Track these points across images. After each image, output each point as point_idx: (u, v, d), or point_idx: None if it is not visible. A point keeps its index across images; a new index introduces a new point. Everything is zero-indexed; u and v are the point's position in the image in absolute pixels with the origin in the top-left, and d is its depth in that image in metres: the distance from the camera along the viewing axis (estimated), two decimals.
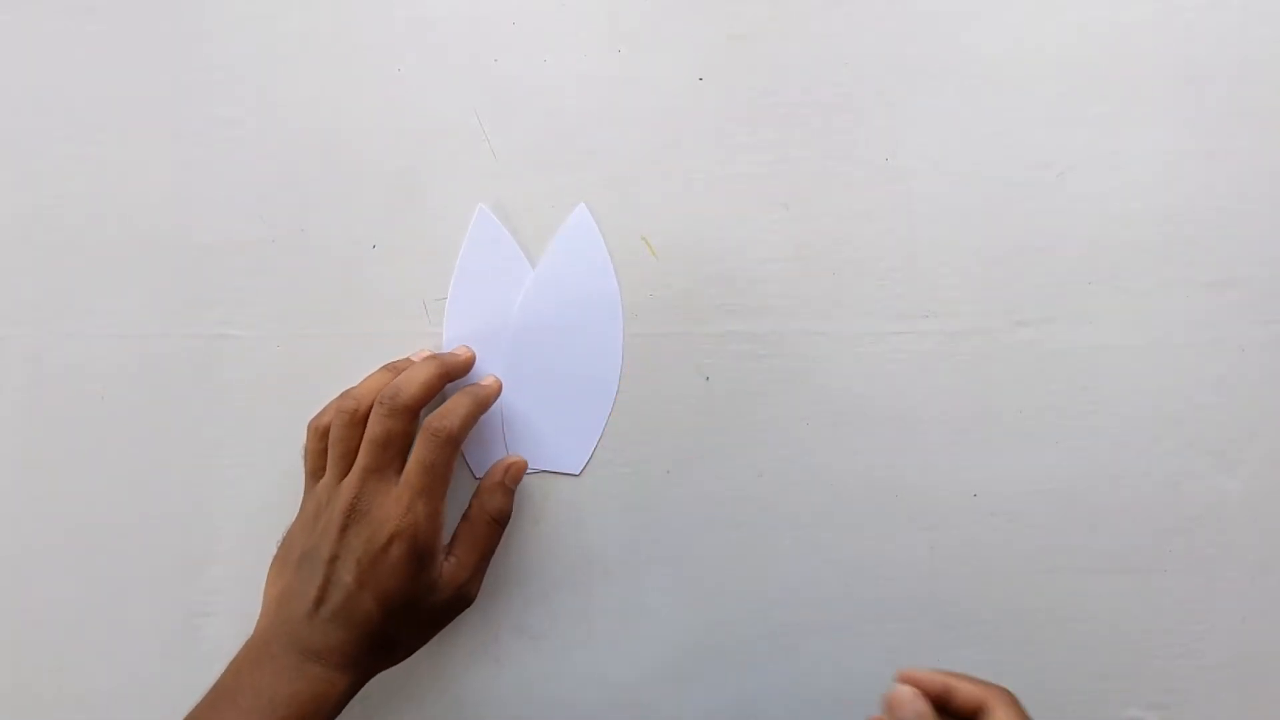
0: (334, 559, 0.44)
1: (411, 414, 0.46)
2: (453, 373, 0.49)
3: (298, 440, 0.49)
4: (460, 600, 0.47)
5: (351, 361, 0.51)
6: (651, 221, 0.51)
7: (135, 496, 0.52)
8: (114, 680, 0.53)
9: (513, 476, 0.50)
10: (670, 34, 0.51)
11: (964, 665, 0.51)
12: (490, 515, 0.48)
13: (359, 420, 0.46)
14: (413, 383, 0.46)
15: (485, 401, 0.49)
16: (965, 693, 0.41)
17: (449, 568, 0.46)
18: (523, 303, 0.52)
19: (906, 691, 0.41)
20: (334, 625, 0.43)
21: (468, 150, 0.51)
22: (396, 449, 0.46)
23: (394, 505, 0.44)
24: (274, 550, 0.48)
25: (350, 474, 0.46)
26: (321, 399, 0.48)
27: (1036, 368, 0.51)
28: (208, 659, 0.52)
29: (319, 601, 0.44)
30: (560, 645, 0.52)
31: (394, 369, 0.49)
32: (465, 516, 0.48)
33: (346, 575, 0.44)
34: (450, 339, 0.52)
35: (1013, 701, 0.41)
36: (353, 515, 0.44)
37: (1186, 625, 0.52)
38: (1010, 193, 0.51)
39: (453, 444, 0.46)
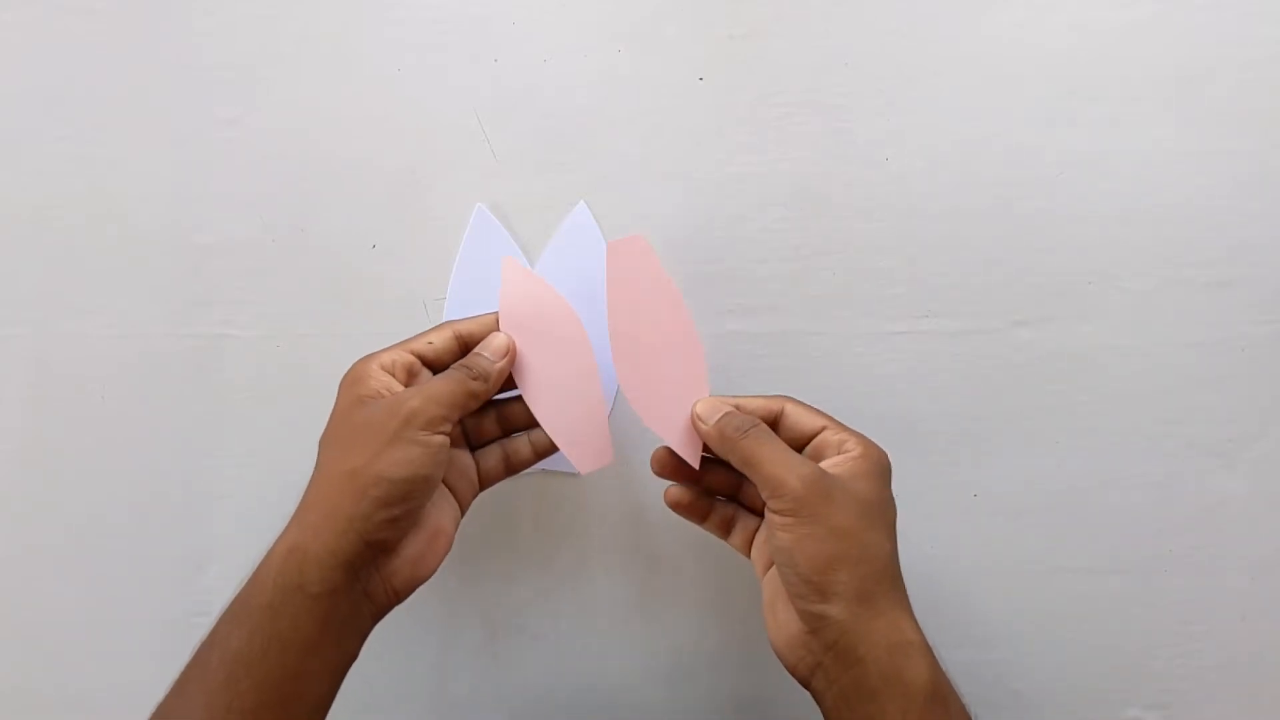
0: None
1: (494, 383, 0.45)
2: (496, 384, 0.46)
3: (298, 440, 0.49)
4: (406, 423, 0.41)
5: (351, 361, 0.51)
6: (651, 221, 0.51)
7: (135, 497, 0.52)
8: (114, 680, 0.53)
9: (502, 367, 0.46)
10: (670, 34, 0.51)
11: (964, 665, 0.51)
12: (467, 367, 0.44)
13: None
14: (493, 371, 0.45)
15: (494, 389, 0.46)
16: (754, 405, 0.45)
17: (404, 392, 0.43)
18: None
19: (710, 401, 0.45)
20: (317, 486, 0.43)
21: (468, 150, 0.51)
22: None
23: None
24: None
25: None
26: (321, 399, 0.48)
27: (1036, 368, 0.51)
28: None
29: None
30: (560, 645, 0.53)
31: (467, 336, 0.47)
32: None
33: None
34: None
35: (798, 402, 0.45)
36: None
37: (1186, 625, 0.52)
38: (1010, 193, 0.51)
39: (491, 385, 0.45)
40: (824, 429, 0.44)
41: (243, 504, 0.52)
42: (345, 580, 0.40)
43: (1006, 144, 0.51)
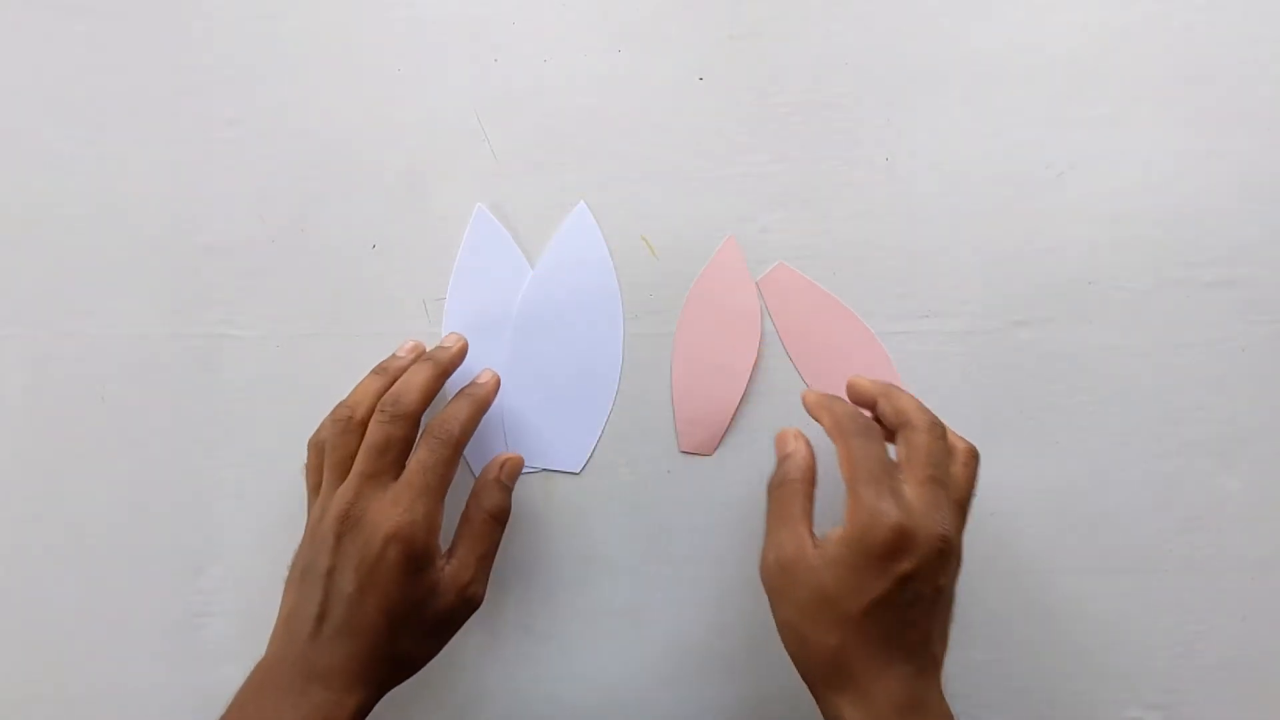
0: (331, 570, 0.42)
1: (413, 420, 0.45)
2: (448, 368, 0.48)
3: (298, 440, 0.49)
4: (466, 604, 0.45)
5: (351, 361, 0.51)
6: (651, 221, 0.51)
7: (135, 496, 0.52)
8: (114, 680, 0.53)
9: (509, 473, 0.48)
10: (670, 34, 0.51)
11: (964, 665, 0.51)
12: (487, 512, 0.47)
13: (355, 427, 0.45)
14: (412, 388, 0.45)
15: (485, 402, 0.48)
16: (890, 410, 0.45)
17: (450, 569, 0.45)
18: (522, 301, 0.52)
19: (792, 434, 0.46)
20: (339, 641, 0.42)
21: (468, 150, 0.51)
22: (395, 454, 0.44)
23: (390, 506, 0.43)
24: (273, 550, 0.48)
25: (346, 481, 0.44)
26: (321, 399, 0.48)
27: (1036, 368, 0.51)
28: (208, 659, 0.52)
29: (321, 618, 0.42)
30: (563, 645, 0.52)
31: (385, 371, 0.48)
32: (464, 516, 0.47)
33: (346, 585, 0.42)
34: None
35: (933, 426, 0.43)
36: (347, 522, 0.43)
37: (1186, 625, 0.52)
38: (1010, 193, 0.51)
39: (456, 448, 0.45)
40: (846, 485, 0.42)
41: (243, 504, 0.52)
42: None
43: (1006, 144, 0.51)
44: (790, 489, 0.44)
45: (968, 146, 0.51)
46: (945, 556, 0.41)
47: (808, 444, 0.45)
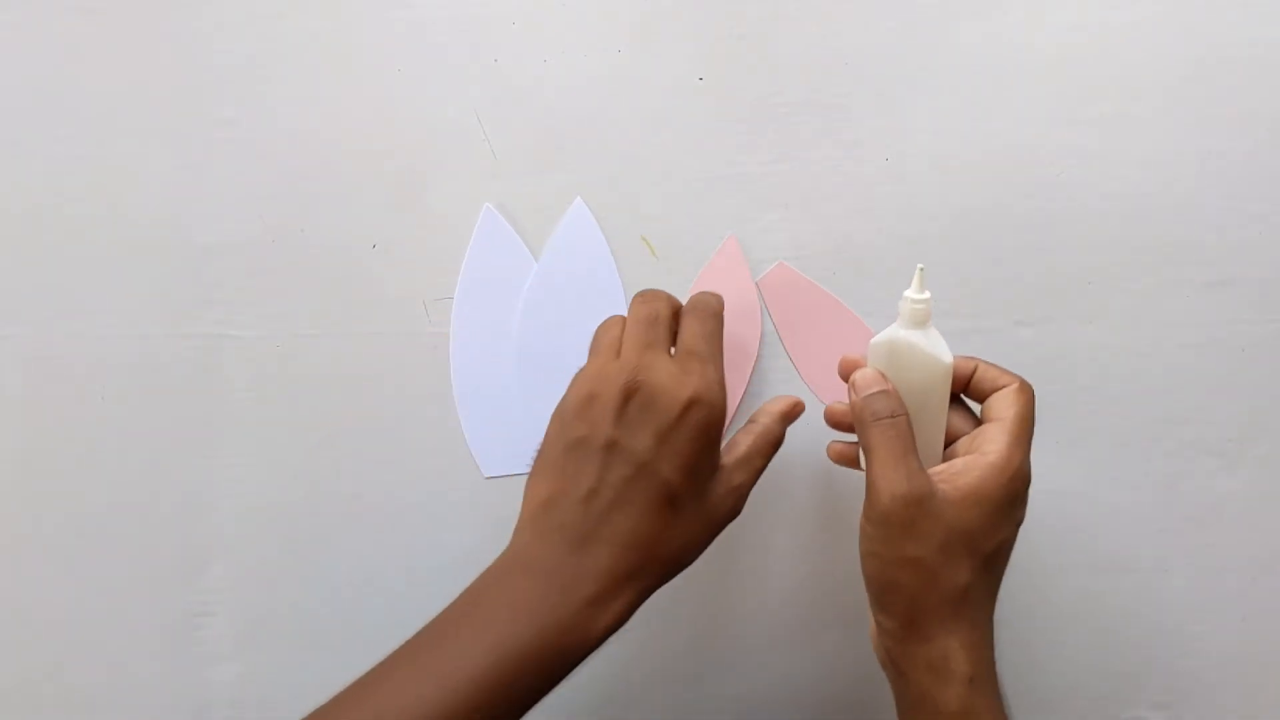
0: (613, 443, 0.39)
1: (673, 302, 0.44)
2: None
3: (298, 440, 0.49)
4: (733, 506, 0.42)
5: (351, 361, 0.51)
6: (651, 221, 0.51)
7: (135, 496, 0.52)
8: (114, 680, 0.53)
9: (793, 412, 0.45)
10: (670, 34, 0.51)
11: None
12: (774, 429, 0.44)
13: (618, 321, 0.44)
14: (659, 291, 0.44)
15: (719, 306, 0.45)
16: (987, 378, 0.44)
17: (729, 462, 0.42)
18: (526, 299, 0.52)
19: (868, 375, 0.43)
20: (616, 512, 0.39)
21: (468, 150, 0.51)
22: (665, 327, 0.42)
23: (682, 374, 0.40)
24: (273, 550, 0.48)
25: (623, 352, 0.41)
26: (321, 399, 0.48)
27: (1036, 368, 0.51)
28: (208, 659, 0.52)
29: (593, 493, 0.39)
30: None
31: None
32: (748, 424, 0.44)
33: (638, 453, 0.39)
34: (458, 336, 0.51)
35: (992, 366, 0.44)
36: (634, 391, 0.39)
37: (1187, 625, 0.52)
38: (1010, 193, 0.51)
39: (719, 320, 0.43)
40: (983, 422, 0.42)
41: (243, 504, 0.52)
42: None
43: (1006, 144, 0.51)
44: (899, 424, 0.41)
45: (967, 146, 0.51)
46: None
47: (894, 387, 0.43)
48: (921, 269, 0.42)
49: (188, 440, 0.52)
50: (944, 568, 0.40)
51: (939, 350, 0.42)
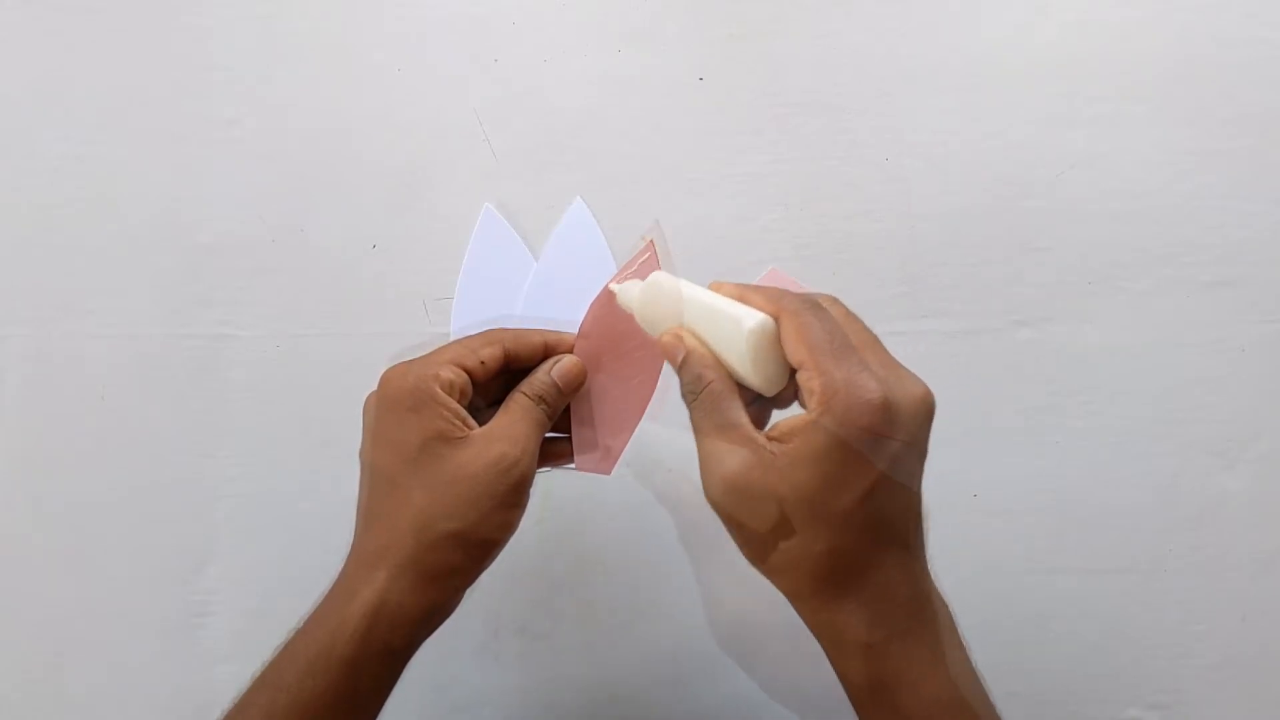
0: (360, 453, 0.41)
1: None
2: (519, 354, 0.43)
3: (298, 440, 0.49)
4: (496, 464, 0.38)
5: (351, 361, 0.51)
6: (651, 221, 0.51)
7: (135, 496, 0.52)
8: (114, 680, 0.53)
9: (561, 373, 0.42)
10: (670, 34, 0.51)
11: None
12: (525, 391, 0.41)
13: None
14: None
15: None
16: (754, 302, 0.38)
17: (478, 431, 0.39)
18: (526, 298, 0.52)
19: (672, 337, 0.39)
20: (370, 519, 0.40)
21: (468, 150, 0.51)
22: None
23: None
24: (273, 550, 0.48)
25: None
26: (321, 399, 0.48)
27: (1036, 368, 0.51)
28: (208, 659, 0.52)
29: (361, 507, 0.40)
30: (561, 645, 0.52)
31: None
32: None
33: (363, 454, 0.40)
34: (458, 336, 0.52)
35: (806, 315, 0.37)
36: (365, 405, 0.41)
37: (1186, 625, 0.52)
38: (1010, 193, 0.51)
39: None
40: (800, 368, 0.36)
41: (243, 504, 0.52)
42: (425, 637, 0.40)
43: (1006, 144, 0.51)
44: (712, 391, 0.37)
45: (967, 146, 0.51)
46: (930, 416, 0.36)
47: (703, 342, 0.38)
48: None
49: (188, 440, 0.52)
50: (792, 543, 0.35)
51: (670, 285, 0.40)
